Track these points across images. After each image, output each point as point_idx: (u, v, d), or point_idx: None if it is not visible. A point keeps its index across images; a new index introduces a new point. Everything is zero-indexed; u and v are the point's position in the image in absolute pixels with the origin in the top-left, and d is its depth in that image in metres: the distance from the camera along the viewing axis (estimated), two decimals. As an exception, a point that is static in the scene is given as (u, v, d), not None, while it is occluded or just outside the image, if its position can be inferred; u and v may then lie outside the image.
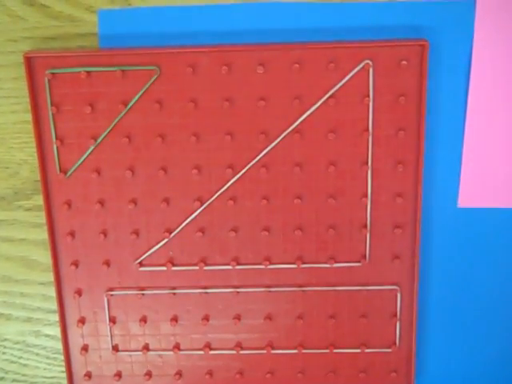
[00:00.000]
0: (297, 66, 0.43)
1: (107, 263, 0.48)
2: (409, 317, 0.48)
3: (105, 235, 0.47)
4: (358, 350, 0.49)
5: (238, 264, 0.47)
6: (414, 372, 0.49)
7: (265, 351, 0.49)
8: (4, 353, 0.52)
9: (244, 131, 0.44)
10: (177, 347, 0.50)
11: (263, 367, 0.50)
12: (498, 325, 0.49)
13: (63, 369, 0.51)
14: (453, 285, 0.48)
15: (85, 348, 0.50)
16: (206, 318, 0.49)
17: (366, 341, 0.49)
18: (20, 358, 0.52)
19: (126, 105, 0.44)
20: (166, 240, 0.47)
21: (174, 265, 0.48)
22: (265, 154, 0.45)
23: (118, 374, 0.51)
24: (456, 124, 0.44)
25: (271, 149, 0.45)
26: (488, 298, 0.48)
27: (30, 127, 0.45)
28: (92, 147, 0.45)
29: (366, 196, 0.45)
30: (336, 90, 0.43)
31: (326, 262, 0.47)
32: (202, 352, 0.50)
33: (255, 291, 0.48)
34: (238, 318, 0.49)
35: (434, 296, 0.48)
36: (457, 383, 0.50)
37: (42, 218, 0.48)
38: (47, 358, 0.52)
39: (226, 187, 0.46)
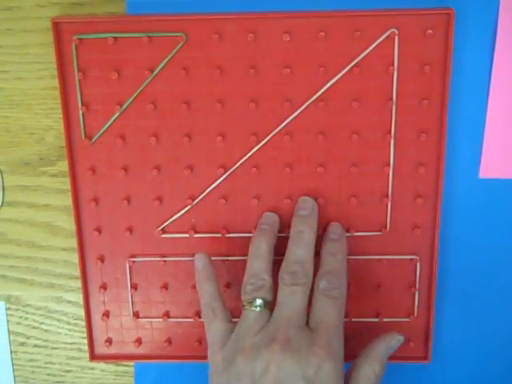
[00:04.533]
0: (322, 34, 0.43)
1: (130, 230, 0.48)
2: (428, 287, 0.48)
3: (128, 201, 0.48)
4: (376, 320, 0.49)
5: (260, 232, 0.48)
6: (432, 342, 0.49)
7: (284, 319, 0.50)
8: (26, 318, 0.53)
9: (269, 99, 0.45)
10: (197, 315, 0.50)
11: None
12: (517, 296, 0.49)
13: (84, 335, 0.51)
14: (472, 255, 0.48)
15: (106, 314, 0.51)
16: (227, 286, 0.49)
17: (384, 310, 0.49)
18: (42, 323, 0.53)
19: (152, 71, 0.45)
20: (188, 207, 0.48)
21: (196, 232, 0.48)
22: (289, 122, 0.45)
23: (139, 341, 0.51)
24: (480, 94, 0.45)
25: (295, 117, 0.45)
26: (508, 270, 0.49)
27: (56, 93, 0.46)
28: (117, 113, 0.46)
29: (389, 165, 0.46)
30: (361, 59, 0.44)
31: (347, 231, 0.47)
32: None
33: (276, 259, 0.48)
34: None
35: (454, 266, 0.49)
36: (474, 354, 0.51)
37: (66, 184, 0.48)
38: (68, 323, 0.53)
39: (249, 154, 0.46)
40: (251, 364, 0.40)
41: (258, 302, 0.43)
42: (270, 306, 0.44)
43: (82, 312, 0.51)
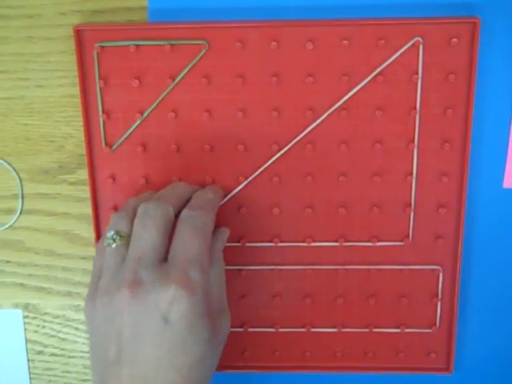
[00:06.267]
0: (346, 42, 0.43)
1: (149, 238, 0.48)
2: (450, 298, 0.48)
3: (148, 210, 0.47)
4: (398, 330, 0.49)
5: (281, 241, 0.47)
6: (454, 353, 0.49)
7: (304, 329, 0.49)
8: (44, 326, 0.52)
9: (291, 107, 0.44)
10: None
11: (302, 345, 0.50)
12: (541, 307, 0.49)
13: (102, 343, 0.51)
14: (495, 266, 0.48)
15: (124, 323, 0.50)
16: (243, 296, 0.49)
17: (406, 321, 0.49)
18: (59, 332, 0.52)
19: (173, 79, 0.44)
20: (209, 216, 0.47)
21: (216, 241, 0.48)
22: (311, 131, 0.45)
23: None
24: (504, 103, 0.44)
25: (318, 125, 0.45)
26: (532, 280, 0.48)
27: (77, 101, 0.45)
28: (138, 121, 0.45)
29: (412, 175, 0.45)
30: (385, 67, 0.43)
31: (369, 241, 0.47)
32: (241, 329, 0.50)
33: (296, 269, 0.48)
34: (277, 295, 0.49)
35: (477, 277, 0.48)
36: (497, 365, 0.50)
37: (85, 192, 0.48)
38: (86, 332, 0.52)
39: (269, 162, 0.46)
40: (107, 308, 0.38)
41: (109, 234, 0.40)
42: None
43: (99, 321, 0.51)
